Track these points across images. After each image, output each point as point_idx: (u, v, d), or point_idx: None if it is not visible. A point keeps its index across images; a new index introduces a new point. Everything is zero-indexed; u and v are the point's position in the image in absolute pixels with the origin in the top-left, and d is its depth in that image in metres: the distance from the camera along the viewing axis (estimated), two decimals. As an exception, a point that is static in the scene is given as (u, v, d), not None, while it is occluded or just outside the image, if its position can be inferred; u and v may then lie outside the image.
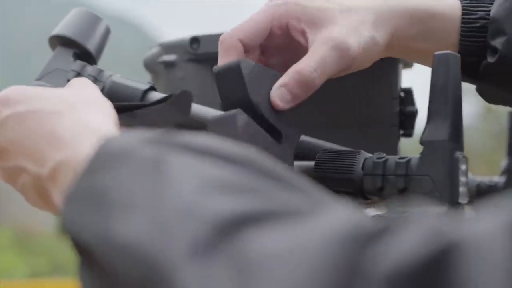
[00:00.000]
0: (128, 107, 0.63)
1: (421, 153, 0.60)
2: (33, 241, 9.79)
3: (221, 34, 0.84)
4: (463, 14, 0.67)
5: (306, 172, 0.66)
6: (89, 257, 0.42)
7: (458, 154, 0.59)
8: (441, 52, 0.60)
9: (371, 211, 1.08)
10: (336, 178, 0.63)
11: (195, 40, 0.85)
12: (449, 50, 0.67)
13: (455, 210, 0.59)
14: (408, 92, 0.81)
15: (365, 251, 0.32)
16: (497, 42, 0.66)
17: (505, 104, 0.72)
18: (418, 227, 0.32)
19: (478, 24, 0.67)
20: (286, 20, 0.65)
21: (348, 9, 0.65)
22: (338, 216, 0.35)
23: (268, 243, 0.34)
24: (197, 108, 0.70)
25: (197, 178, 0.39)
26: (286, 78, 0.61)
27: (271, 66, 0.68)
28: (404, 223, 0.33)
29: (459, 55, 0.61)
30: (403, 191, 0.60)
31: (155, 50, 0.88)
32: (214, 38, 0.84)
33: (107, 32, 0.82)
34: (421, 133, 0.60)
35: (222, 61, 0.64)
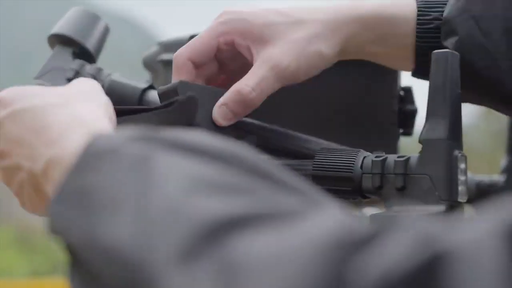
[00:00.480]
0: (132, 111, 0.63)
1: (420, 152, 0.60)
2: (34, 240, 9.80)
3: None
4: (418, 15, 0.68)
5: (304, 170, 0.66)
6: (77, 258, 0.42)
7: (457, 152, 0.59)
8: (440, 50, 0.60)
9: (369, 210, 1.08)
10: (335, 177, 0.63)
11: (193, 38, 0.85)
12: (406, 51, 0.68)
13: (451, 210, 0.59)
14: (408, 90, 0.80)
15: (352, 259, 0.31)
16: (449, 43, 0.66)
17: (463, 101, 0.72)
18: (406, 234, 0.31)
19: (432, 25, 0.67)
20: (232, 37, 0.66)
21: (297, 22, 0.66)
22: (328, 219, 0.34)
23: (254, 247, 0.33)
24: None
25: (184, 177, 0.38)
26: (226, 97, 0.65)
27: (230, 75, 0.70)
28: (393, 229, 0.32)
29: (458, 54, 0.61)
30: (401, 190, 0.60)
31: (154, 48, 0.88)
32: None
33: (106, 31, 0.82)
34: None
35: (174, 79, 0.67)
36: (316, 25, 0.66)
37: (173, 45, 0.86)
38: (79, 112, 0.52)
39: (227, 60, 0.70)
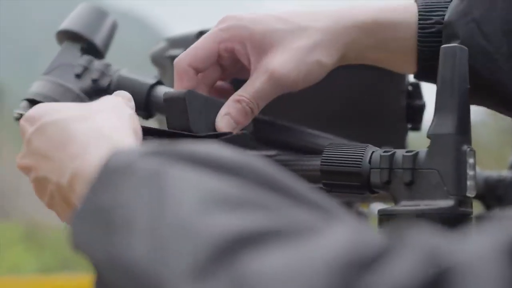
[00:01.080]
0: (177, 135, 0.64)
1: (428, 147, 0.60)
2: (42, 236, 9.83)
3: None
4: (419, 19, 0.67)
5: (313, 165, 0.66)
6: (99, 273, 0.43)
7: (465, 147, 0.59)
8: (448, 45, 0.60)
9: (377, 205, 1.08)
10: (343, 172, 0.63)
11: (201, 34, 0.85)
12: (407, 55, 0.68)
13: (460, 205, 0.58)
14: (416, 85, 0.80)
15: (362, 277, 0.32)
16: None
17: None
18: (413, 251, 0.32)
19: (434, 29, 0.67)
20: (232, 45, 0.67)
21: (298, 29, 0.66)
22: (341, 237, 0.35)
23: (267, 265, 0.34)
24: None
25: (197, 193, 0.39)
26: (228, 107, 0.66)
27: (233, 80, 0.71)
28: (401, 245, 0.33)
29: (467, 48, 0.60)
30: (410, 185, 0.60)
31: (162, 44, 0.88)
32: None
33: (114, 26, 0.83)
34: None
35: (176, 85, 0.68)
36: (316, 33, 0.66)
37: (181, 41, 0.86)
38: (100, 125, 0.53)
39: (229, 66, 0.70)
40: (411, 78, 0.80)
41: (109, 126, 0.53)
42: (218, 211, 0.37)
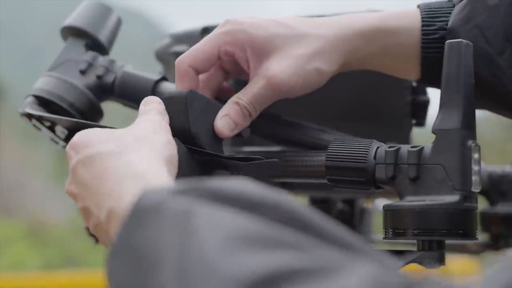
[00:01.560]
0: (214, 156, 0.64)
1: (433, 142, 0.60)
2: (46, 233, 9.83)
3: None
4: (422, 25, 0.67)
5: (318, 161, 0.66)
6: None
7: (470, 142, 0.59)
8: (453, 40, 0.60)
9: (382, 201, 1.08)
10: (348, 167, 0.63)
11: (206, 30, 0.85)
12: (410, 62, 0.68)
13: (465, 200, 0.58)
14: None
15: None
16: None
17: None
18: None
19: (437, 35, 0.67)
20: (232, 49, 0.67)
21: (300, 36, 0.66)
22: (365, 276, 0.35)
23: None
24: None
25: (226, 233, 0.39)
26: (227, 108, 0.66)
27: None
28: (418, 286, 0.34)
29: (472, 44, 0.60)
30: (415, 180, 0.60)
31: (166, 40, 0.88)
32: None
33: (118, 23, 0.83)
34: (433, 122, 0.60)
35: (177, 85, 0.69)
36: (318, 40, 0.66)
37: (185, 37, 0.86)
38: (135, 162, 0.54)
39: (231, 69, 0.71)
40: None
41: (143, 162, 0.54)
42: (246, 251, 0.37)
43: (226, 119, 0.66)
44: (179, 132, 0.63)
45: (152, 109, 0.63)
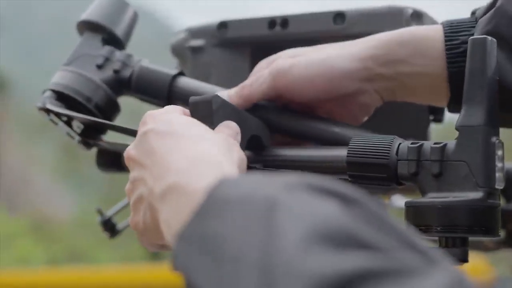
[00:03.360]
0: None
1: (457, 138, 0.59)
2: (51, 229, 9.85)
3: (250, 19, 0.84)
4: (446, 40, 0.67)
5: (339, 157, 0.65)
6: None
7: (494, 139, 0.58)
8: (477, 36, 0.59)
9: (398, 198, 1.07)
10: (370, 164, 0.62)
11: (223, 24, 0.84)
12: (439, 75, 0.67)
13: (489, 197, 0.58)
14: (439, 77, 0.79)
15: None
16: None
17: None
18: None
19: (461, 49, 0.66)
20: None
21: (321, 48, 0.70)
22: (441, 281, 0.36)
23: None
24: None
25: (309, 228, 0.38)
26: (233, 90, 0.71)
27: None
28: None
29: (495, 40, 0.60)
30: (438, 177, 0.59)
31: (182, 35, 0.87)
32: (242, 23, 0.84)
33: (134, 17, 0.82)
34: (456, 119, 0.60)
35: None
36: (334, 47, 0.70)
37: (201, 32, 0.86)
38: (210, 150, 0.54)
39: None
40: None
41: (220, 154, 0.54)
42: (330, 249, 0.37)
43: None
44: None
45: (226, 129, 0.64)
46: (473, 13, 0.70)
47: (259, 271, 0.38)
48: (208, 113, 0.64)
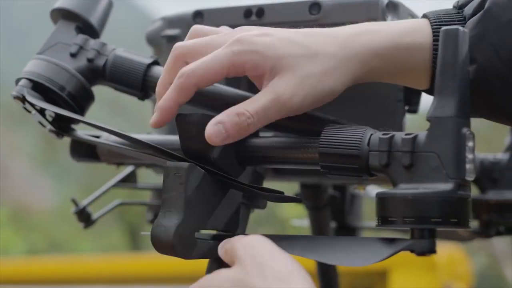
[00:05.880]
0: (242, 186, 0.67)
1: (428, 130, 0.59)
2: (30, 218, 9.80)
3: (225, 8, 0.83)
4: (434, 43, 0.67)
5: (311, 148, 0.65)
6: None
7: (465, 130, 0.58)
8: (449, 27, 0.60)
9: (374, 188, 1.07)
10: (341, 154, 0.62)
11: (198, 14, 0.84)
12: (422, 78, 0.69)
13: (459, 189, 0.58)
14: (414, 68, 0.80)
15: None
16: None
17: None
18: None
19: None
20: (243, 69, 0.65)
21: (311, 55, 0.65)
22: None
23: None
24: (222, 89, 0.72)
25: None
26: (224, 116, 0.64)
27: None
28: None
29: (467, 31, 0.60)
30: (409, 168, 0.59)
31: (158, 24, 0.87)
32: (218, 12, 0.83)
33: (109, 5, 0.82)
34: (427, 109, 0.60)
35: (175, 97, 0.66)
36: (330, 60, 0.65)
37: (177, 21, 0.86)
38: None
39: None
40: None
41: None
42: None
43: (219, 127, 0.63)
44: (196, 154, 0.65)
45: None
46: (459, 8, 0.70)
47: None
48: (198, 132, 0.65)
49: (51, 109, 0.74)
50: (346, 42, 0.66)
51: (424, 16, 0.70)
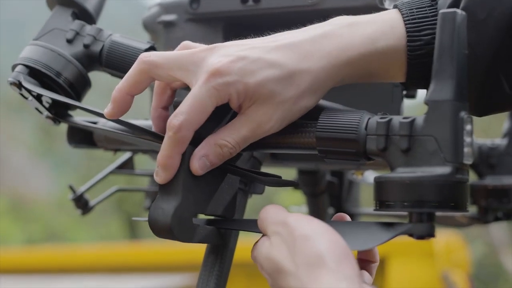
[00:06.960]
0: (239, 171, 0.68)
1: (426, 113, 0.59)
2: (28, 208, 9.80)
3: None
4: (408, 41, 0.67)
5: (309, 132, 0.65)
6: None
7: (463, 114, 0.58)
8: (447, 10, 0.59)
9: (372, 173, 1.08)
10: (339, 138, 0.62)
11: (195, 1, 0.84)
12: (398, 77, 0.68)
13: (457, 172, 0.58)
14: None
15: None
16: None
17: None
18: None
19: (424, 51, 0.66)
20: (226, 100, 0.65)
21: (288, 76, 0.65)
22: None
23: None
24: None
25: None
26: (207, 149, 0.66)
27: None
28: None
29: (466, 14, 0.60)
30: (406, 152, 0.59)
31: (154, 10, 0.87)
32: (214, -2, 0.83)
33: (105, -9, 0.81)
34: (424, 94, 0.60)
35: (173, 150, 0.65)
36: (305, 78, 0.65)
37: (173, 7, 0.85)
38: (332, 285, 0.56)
39: None
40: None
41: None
42: None
43: (204, 160, 0.65)
44: (193, 138, 0.64)
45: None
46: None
47: None
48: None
49: (48, 95, 0.73)
50: (322, 54, 0.66)
51: (395, 6, 0.69)
